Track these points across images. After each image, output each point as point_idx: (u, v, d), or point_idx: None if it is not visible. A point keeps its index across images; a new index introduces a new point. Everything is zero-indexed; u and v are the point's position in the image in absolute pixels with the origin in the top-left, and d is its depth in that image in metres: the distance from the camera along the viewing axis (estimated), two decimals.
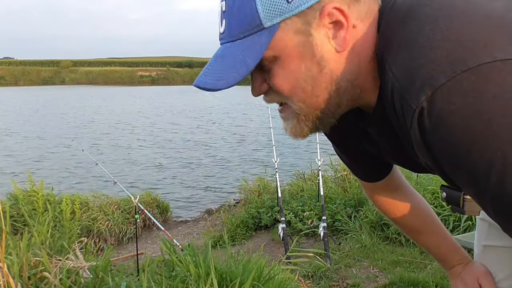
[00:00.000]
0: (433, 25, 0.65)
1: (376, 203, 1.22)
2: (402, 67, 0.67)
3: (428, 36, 0.65)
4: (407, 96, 0.65)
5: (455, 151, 0.63)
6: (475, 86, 0.59)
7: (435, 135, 0.63)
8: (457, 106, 0.60)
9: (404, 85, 0.66)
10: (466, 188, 0.68)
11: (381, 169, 1.12)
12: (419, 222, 1.19)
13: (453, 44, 0.62)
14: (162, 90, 55.30)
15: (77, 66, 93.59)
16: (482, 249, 1.14)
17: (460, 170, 0.64)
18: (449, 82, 0.60)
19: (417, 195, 1.21)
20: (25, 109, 28.05)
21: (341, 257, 3.90)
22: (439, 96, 0.61)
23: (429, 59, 0.63)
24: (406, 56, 0.67)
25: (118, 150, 13.29)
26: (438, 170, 0.69)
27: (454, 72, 0.60)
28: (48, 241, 2.43)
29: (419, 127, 0.65)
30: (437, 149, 0.65)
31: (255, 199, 5.99)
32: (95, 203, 6.23)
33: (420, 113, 0.63)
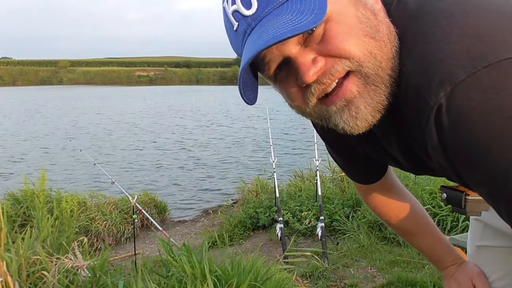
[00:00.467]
0: (449, 20, 0.64)
1: (370, 205, 1.22)
2: (418, 62, 0.65)
3: (446, 31, 0.63)
4: (424, 92, 0.63)
5: (473, 149, 0.60)
6: (496, 83, 0.58)
7: (453, 133, 0.61)
8: (477, 102, 0.58)
9: (421, 81, 0.64)
10: (480, 187, 0.65)
11: (376, 171, 1.11)
12: (413, 224, 1.19)
13: (472, 39, 0.60)
14: (160, 90, 55.25)
15: (75, 66, 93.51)
16: (476, 249, 1.14)
17: (476, 169, 0.62)
18: (469, 78, 0.59)
19: (411, 197, 1.20)
20: (22, 109, 27.98)
21: (339, 257, 3.90)
22: (458, 92, 0.59)
23: (448, 54, 0.61)
24: (423, 51, 0.65)
25: (116, 150, 13.26)
26: (452, 169, 0.67)
27: (474, 68, 0.58)
28: (49, 239, 2.43)
29: (436, 124, 0.63)
30: (453, 147, 0.63)
31: (253, 199, 5.99)
32: (93, 203, 6.22)
33: (438, 110, 0.62)
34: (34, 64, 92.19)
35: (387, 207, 1.19)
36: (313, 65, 0.67)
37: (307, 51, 0.68)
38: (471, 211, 0.92)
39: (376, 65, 0.67)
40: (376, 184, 1.13)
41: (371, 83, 0.68)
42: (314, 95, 0.71)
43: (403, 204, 1.18)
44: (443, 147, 0.64)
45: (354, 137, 0.91)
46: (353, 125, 0.71)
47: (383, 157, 0.94)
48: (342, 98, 0.69)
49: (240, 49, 0.71)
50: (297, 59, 0.68)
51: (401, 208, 1.18)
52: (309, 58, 0.67)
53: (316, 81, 0.68)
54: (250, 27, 0.67)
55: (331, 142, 1.06)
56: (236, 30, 0.70)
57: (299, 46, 0.68)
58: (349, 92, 0.69)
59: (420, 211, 1.19)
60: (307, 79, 0.68)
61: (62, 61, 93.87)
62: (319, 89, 0.69)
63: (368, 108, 0.69)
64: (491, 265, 1.10)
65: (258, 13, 0.66)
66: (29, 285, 2.00)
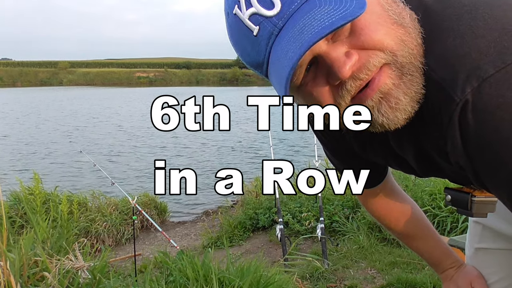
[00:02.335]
0: (473, 14, 0.61)
1: (369, 209, 1.21)
2: (442, 58, 0.62)
3: (470, 24, 0.60)
4: (448, 88, 0.60)
5: (498, 148, 0.58)
6: None
7: (478, 130, 0.58)
8: (506, 99, 0.56)
9: (444, 76, 0.61)
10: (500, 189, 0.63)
11: (376, 175, 1.10)
12: (412, 227, 1.18)
13: (499, 33, 0.58)
14: (160, 91, 55.22)
15: (75, 67, 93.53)
16: (475, 251, 1.13)
17: (500, 170, 0.59)
18: (498, 73, 0.56)
19: (410, 200, 1.19)
20: (22, 110, 27.96)
21: (338, 258, 3.90)
22: (486, 88, 0.57)
23: (474, 49, 0.59)
24: (446, 46, 0.62)
25: (115, 151, 13.26)
26: (471, 168, 0.64)
27: (504, 63, 0.56)
28: (49, 241, 2.43)
29: (460, 121, 0.60)
30: (476, 146, 0.60)
31: (253, 200, 5.98)
32: (93, 204, 6.22)
33: (463, 106, 0.59)
34: (34, 65, 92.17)
35: (386, 211, 1.18)
36: (348, 59, 0.62)
37: (337, 45, 0.63)
38: (478, 212, 0.90)
39: (409, 53, 0.63)
40: (375, 188, 1.12)
41: (407, 73, 0.64)
42: (350, 93, 0.65)
43: (401, 207, 1.17)
44: (465, 146, 0.61)
45: (357, 142, 0.90)
46: (393, 117, 0.66)
47: (388, 160, 0.92)
48: (377, 91, 0.64)
49: (262, 54, 0.65)
50: (329, 55, 0.63)
51: (400, 212, 1.17)
52: (341, 52, 0.62)
53: (352, 76, 0.63)
54: (277, 28, 0.62)
55: (330, 147, 1.04)
56: (257, 35, 0.64)
57: (327, 42, 0.63)
58: (383, 84, 0.64)
59: (419, 214, 1.18)
60: (344, 74, 0.62)
61: (62, 62, 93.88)
62: (355, 86, 0.64)
63: (406, 98, 0.65)
64: (489, 268, 1.10)
65: (283, 11, 0.61)
66: (29, 285, 2.00)
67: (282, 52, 0.61)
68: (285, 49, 0.60)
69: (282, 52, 0.61)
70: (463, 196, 0.91)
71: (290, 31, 0.60)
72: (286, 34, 0.61)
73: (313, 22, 0.58)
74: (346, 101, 0.67)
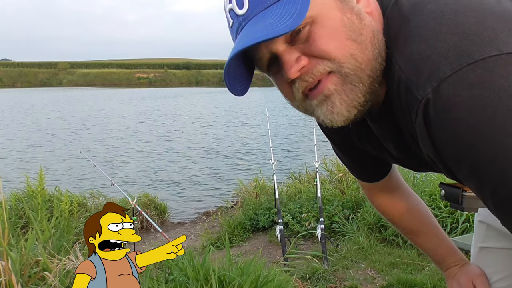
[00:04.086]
0: (439, 20, 0.66)
1: (375, 204, 1.23)
2: (409, 60, 0.68)
3: (435, 30, 0.66)
4: (413, 88, 0.66)
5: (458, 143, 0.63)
6: (480, 79, 0.59)
7: (439, 127, 0.64)
8: (462, 98, 0.60)
9: (410, 77, 0.67)
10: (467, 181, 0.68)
11: (380, 169, 1.12)
12: (417, 223, 1.19)
13: (459, 38, 0.63)
14: (160, 92, 55.26)
15: (75, 67, 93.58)
16: (479, 250, 1.14)
17: (462, 163, 0.65)
18: (455, 74, 0.61)
19: (415, 197, 1.21)
20: (22, 110, 27.98)
21: (338, 259, 3.90)
22: (444, 88, 0.61)
23: (435, 52, 0.64)
24: (413, 49, 0.68)
25: (115, 152, 13.26)
26: (441, 162, 0.69)
27: (460, 65, 0.61)
28: (51, 241, 2.44)
29: (424, 118, 0.65)
30: (440, 141, 0.65)
31: (253, 200, 5.98)
32: (93, 204, 6.21)
33: (425, 104, 0.64)
34: (33, 66, 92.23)
35: (391, 206, 1.20)
36: (296, 63, 0.73)
37: (293, 50, 0.73)
38: (468, 207, 0.94)
39: (356, 66, 0.72)
40: (380, 183, 1.14)
41: (349, 82, 0.73)
42: (299, 90, 0.77)
43: (407, 203, 1.19)
44: (432, 141, 0.67)
45: (355, 135, 0.96)
46: (331, 118, 0.76)
47: (383, 153, 0.96)
48: (322, 93, 0.74)
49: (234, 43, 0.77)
50: (282, 56, 0.74)
51: (406, 208, 1.19)
52: (293, 56, 0.73)
53: (300, 78, 0.74)
54: (241, 26, 0.74)
55: (336, 142, 1.08)
56: (231, 27, 0.77)
57: (286, 44, 0.73)
58: (326, 89, 0.74)
59: (424, 211, 1.20)
60: (290, 75, 0.74)
61: (62, 62, 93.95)
62: (302, 86, 0.75)
63: (343, 104, 0.74)
64: (493, 267, 1.10)
65: (248, 13, 0.72)
66: (30, 285, 2.00)
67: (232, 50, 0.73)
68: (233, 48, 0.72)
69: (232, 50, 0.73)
70: (455, 191, 0.96)
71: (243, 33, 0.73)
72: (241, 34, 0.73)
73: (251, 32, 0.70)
74: (298, 97, 0.78)
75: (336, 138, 1.06)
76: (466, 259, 1.18)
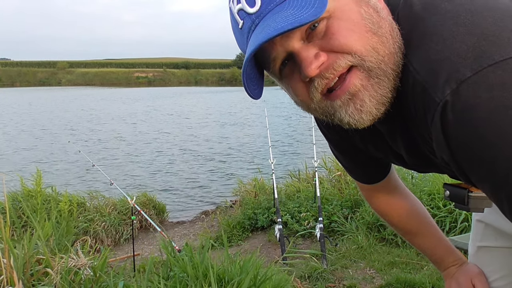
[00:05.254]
0: (455, 20, 0.65)
1: (373, 205, 1.23)
2: (425, 61, 0.67)
3: (452, 30, 0.64)
4: (430, 90, 0.65)
5: (477, 145, 0.62)
6: (501, 80, 0.59)
7: (458, 129, 0.63)
8: (483, 100, 0.59)
9: (427, 79, 0.66)
10: (483, 184, 0.67)
11: (379, 171, 1.12)
12: (415, 224, 1.19)
13: (478, 38, 0.62)
14: (159, 91, 55.23)
15: (74, 67, 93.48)
16: (477, 250, 1.15)
17: (480, 166, 0.64)
18: (475, 76, 0.60)
19: (413, 197, 1.21)
20: (20, 110, 27.95)
21: (337, 258, 3.90)
22: (464, 89, 0.60)
23: (454, 53, 0.63)
24: (429, 50, 0.66)
25: (114, 151, 13.25)
26: (455, 164, 0.68)
27: (480, 66, 0.60)
28: (53, 239, 2.44)
29: (442, 120, 0.64)
30: (458, 143, 0.64)
31: (252, 200, 5.99)
32: (92, 204, 6.21)
33: (443, 107, 0.63)
34: (32, 65, 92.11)
35: (390, 207, 1.20)
36: (315, 59, 0.69)
37: (310, 46, 0.70)
38: (474, 207, 0.94)
39: (379, 59, 0.69)
40: (379, 184, 1.14)
41: (375, 76, 0.70)
42: (317, 90, 0.72)
43: (405, 204, 1.19)
44: (447, 143, 0.65)
45: (358, 136, 0.94)
46: (358, 118, 0.72)
47: (388, 155, 0.95)
48: (346, 92, 0.71)
49: (245, 46, 0.73)
50: (300, 54, 0.70)
51: (404, 208, 1.19)
52: (311, 52, 0.69)
53: (319, 75, 0.70)
54: (254, 24, 0.70)
55: (335, 142, 1.07)
56: (241, 28, 0.73)
57: (302, 42, 0.70)
58: (352, 85, 0.70)
59: (422, 211, 1.20)
60: (309, 72, 0.69)
61: (61, 62, 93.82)
62: (322, 84, 0.71)
63: (372, 101, 0.71)
64: (491, 265, 1.11)
65: (261, 10, 0.69)
66: (32, 281, 2.01)
67: (248, 47, 0.70)
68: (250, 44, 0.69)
69: (248, 46, 0.70)
70: (461, 192, 0.95)
71: (259, 29, 0.69)
72: (256, 31, 0.69)
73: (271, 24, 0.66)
74: (317, 97, 0.74)
75: (336, 139, 1.05)
76: (464, 259, 1.18)
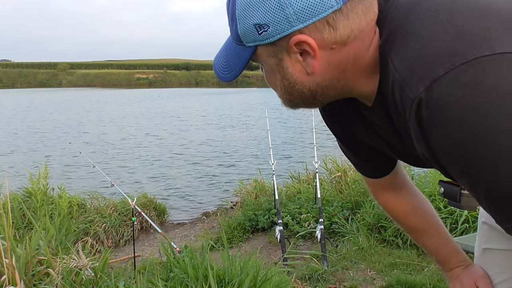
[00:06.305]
0: (434, 19, 0.67)
1: (379, 201, 1.23)
2: (403, 60, 0.69)
3: (429, 29, 0.66)
4: (407, 88, 0.67)
5: (451, 142, 0.64)
6: (473, 79, 0.60)
7: (432, 126, 0.65)
8: (455, 98, 0.61)
9: (404, 77, 0.68)
10: (461, 179, 0.69)
11: (382, 165, 1.12)
12: (421, 223, 1.18)
13: (453, 37, 0.63)
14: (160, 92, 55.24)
15: (74, 68, 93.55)
16: (482, 252, 1.13)
17: (455, 161, 0.66)
18: (447, 74, 0.61)
19: (421, 196, 1.20)
20: (20, 111, 27.98)
21: (338, 259, 3.90)
22: (437, 87, 0.62)
23: (429, 52, 0.64)
24: (407, 49, 0.68)
25: (115, 152, 13.26)
26: (435, 161, 0.70)
27: (453, 65, 0.61)
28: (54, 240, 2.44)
29: (417, 117, 0.66)
30: (434, 140, 0.66)
31: (252, 201, 5.98)
32: (92, 205, 6.21)
33: (418, 104, 0.65)
34: (33, 67, 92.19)
35: (395, 204, 1.19)
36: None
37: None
38: (466, 205, 0.94)
39: (287, 101, 0.86)
40: (385, 179, 1.14)
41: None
42: None
43: (412, 202, 1.18)
44: (425, 140, 0.68)
45: (356, 128, 0.97)
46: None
47: (383, 147, 0.96)
48: None
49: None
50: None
51: (410, 206, 1.18)
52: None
53: None
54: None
55: (339, 135, 1.09)
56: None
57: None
58: None
59: (429, 210, 1.19)
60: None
61: (62, 63, 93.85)
62: None
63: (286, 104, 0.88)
64: (496, 268, 1.09)
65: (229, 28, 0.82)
66: (34, 281, 2.01)
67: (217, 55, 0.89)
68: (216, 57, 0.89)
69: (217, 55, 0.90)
70: (454, 189, 0.96)
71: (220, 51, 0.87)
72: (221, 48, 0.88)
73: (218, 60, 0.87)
74: None
75: (339, 131, 1.07)
76: (469, 260, 1.17)
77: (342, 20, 0.72)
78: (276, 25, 0.72)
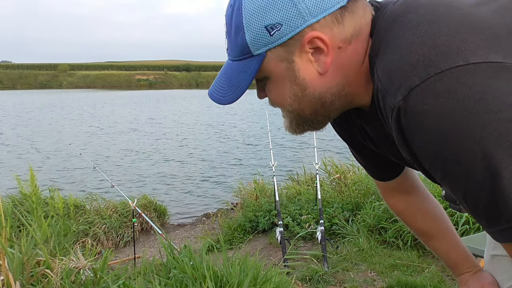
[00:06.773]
0: (414, 30, 0.70)
1: (388, 203, 1.24)
2: (385, 69, 0.72)
3: (408, 40, 0.69)
4: (387, 96, 0.70)
5: (429, 149, 0.67)
6: (447, 88, 0.63)
7: (411, 133, 0.68)
8: (430, 106, 0.64)
9: (386, 85, 0.71)
10: (443, 184, 0.71)
11: (391, 168, 1.13)
12: (431, 227, 1.19)
13: (429, 48, 0.66)
14: (160, 94, 55.27)
15: (75, 69, 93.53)
16: (490, 258, 1.13)
17: (435, 167, 0.69)
18: (422, 83, 0.65)
19: (432, 200, 1.20)
20: (22, 113, 27.99)
21: (338, 260, 3.90)
22: (413, 96, 0.65)
23: (407, 62, 0.68)
24: (389, 59, 0.72)
25: (115, 154, 13.27)
26: (419, 165, 0.73)
27: (428, 74, 0.64)
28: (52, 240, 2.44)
29: (397, 125, 0.69)
30: (414, 146, 0.69)
31: (253, 202, 5.98)
32: (92, 206, 6.21)
33: (397, 112, 0.68)
34: (33, 68, 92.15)
35: (405, 207, 1.20)
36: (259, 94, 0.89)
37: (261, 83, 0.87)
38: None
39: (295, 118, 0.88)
40: (394, 182, 1.15)
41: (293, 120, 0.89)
42: None
43: (422, 205, 1.19)
44: (407, 146, 0.71)
45: (359, 133, 1.00)
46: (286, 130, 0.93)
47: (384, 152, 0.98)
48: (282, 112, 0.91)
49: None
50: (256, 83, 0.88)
51: (420, 209, 1.19)
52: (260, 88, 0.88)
53: None
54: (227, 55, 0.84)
55: (348, 140, 1.12)
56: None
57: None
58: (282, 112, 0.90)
59: (440, 214, 1.19)
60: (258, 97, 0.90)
61: (62, 64, 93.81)
62: None
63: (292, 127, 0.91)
64: (504, 274, 1.09)
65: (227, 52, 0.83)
66: (32, 282, 2.00)
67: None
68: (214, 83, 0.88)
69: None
70: None
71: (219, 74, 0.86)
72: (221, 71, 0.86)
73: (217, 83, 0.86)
74: None
75: (347, 137, 1.10)
76: (479, 266, 1.17)
77: (348, 16, 0.76)
78: (289, 21, 0.74)
